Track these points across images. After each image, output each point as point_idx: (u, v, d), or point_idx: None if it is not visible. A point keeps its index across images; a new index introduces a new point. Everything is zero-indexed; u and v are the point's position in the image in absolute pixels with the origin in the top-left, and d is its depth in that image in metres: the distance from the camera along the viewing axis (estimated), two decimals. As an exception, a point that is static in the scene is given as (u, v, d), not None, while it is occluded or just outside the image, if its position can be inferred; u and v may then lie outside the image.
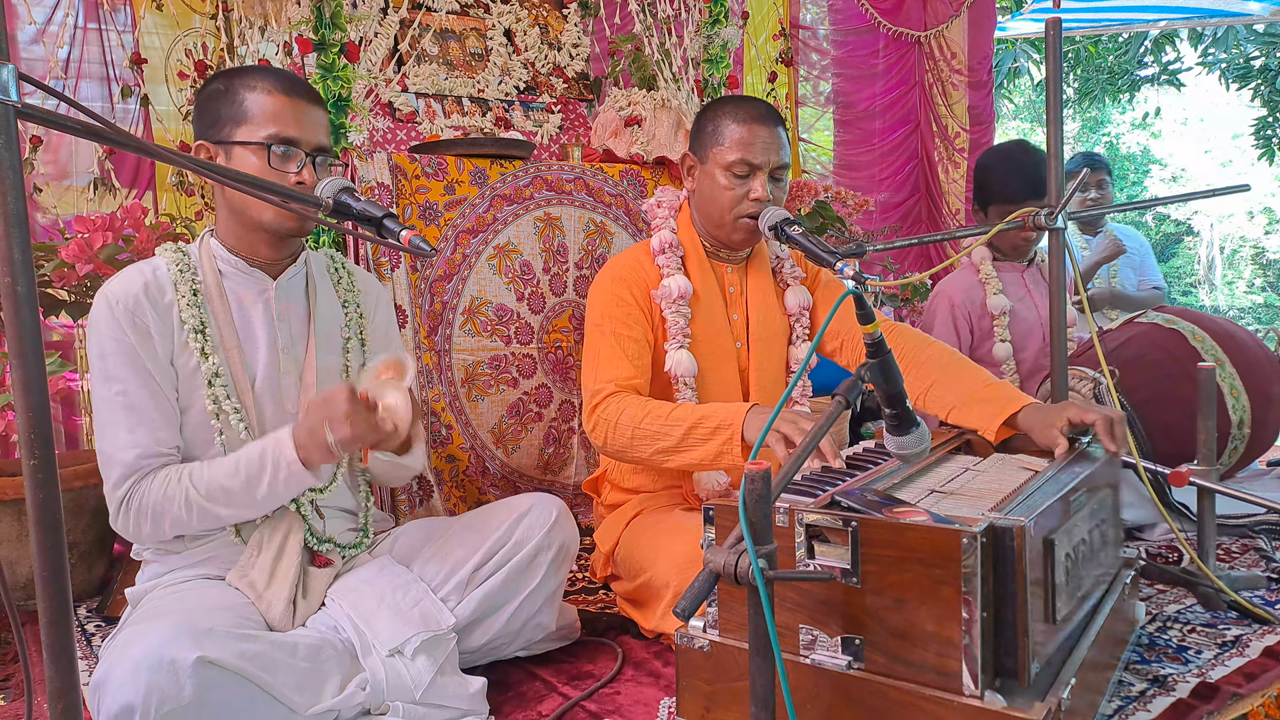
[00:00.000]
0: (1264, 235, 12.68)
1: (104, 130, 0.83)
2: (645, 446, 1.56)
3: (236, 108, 1.34)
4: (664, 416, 1.55)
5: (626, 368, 1.65)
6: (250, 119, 1.34)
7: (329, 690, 1.23)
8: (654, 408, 1.57)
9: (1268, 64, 7.39)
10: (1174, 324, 2.16)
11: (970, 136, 4.05)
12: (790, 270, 1.85)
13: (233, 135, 1.34)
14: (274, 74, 1.38)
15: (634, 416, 1.57)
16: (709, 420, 1.50)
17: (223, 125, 1.35)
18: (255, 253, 1.41)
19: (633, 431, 1.56)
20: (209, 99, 1.37)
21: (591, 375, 1.67)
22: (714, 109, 1.74)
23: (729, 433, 1.47)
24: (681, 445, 1.52)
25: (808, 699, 1.09)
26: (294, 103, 1.36)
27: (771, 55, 3.96)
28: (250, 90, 1.35)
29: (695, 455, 1.52)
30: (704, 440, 1.50)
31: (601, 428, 1.60)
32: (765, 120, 1.69)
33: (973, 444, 1.60)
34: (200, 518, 1.30)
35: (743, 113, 1.69)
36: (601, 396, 1.62)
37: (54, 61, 2.66)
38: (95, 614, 1.85)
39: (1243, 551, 1.91)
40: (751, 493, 0.90)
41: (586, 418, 1.64)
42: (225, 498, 1.29)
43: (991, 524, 1.00)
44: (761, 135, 1.67)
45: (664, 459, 1.56)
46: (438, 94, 2.64)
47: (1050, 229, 1.69)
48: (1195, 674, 1.34)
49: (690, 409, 1.55)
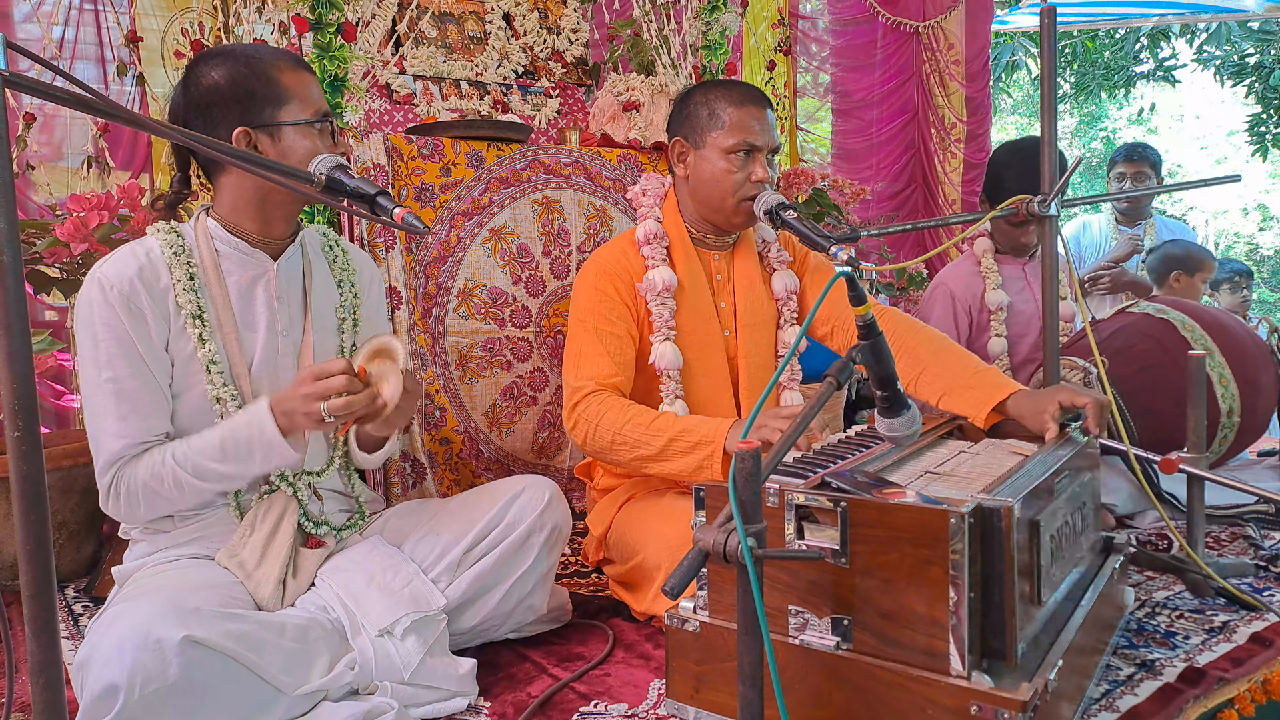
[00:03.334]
0: (1258, 231, 12.71)
1: (93, 101, 0.82)
2: (625, 452, 1.56)
3: (274, 89, 1.34)
4: (645, 425, 1.54)
5: (608, 365, 1.65)
6: (292, 99, 1.35)
7: (317, 670, 1.22)
8: (635, 414, 1.56)
9: (1262, 61, 7.39)
10: (1164, 314, 2.17)
11: (967, 127, 4.04)
12: (776, 255, 1.85)
13: (277, 117, 1.34)
14: (284, 52, 1.41)
15: (615, 421, 1.56)
16: (691, 434, 1.50)
17: (262, 109, 1.34)
18: (269, 231, 1.40)
19: (613, 436, 1.56)
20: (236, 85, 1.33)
21: (573, 371, 1.67)
22: (702, 93, 1.73)
23: (710, 449, 1.47)
24: (662, 455, 1.52)
25: (796, 679, 1.09)
26: (315, 78, 1.41)
27: (770, 44, 3.95)
28: (281, 72, 1.36)
29: (675, 466, 1.52)
30: (684, 453, 1.50)
31: (582, 428, 1.60)
32: (760, 102, 1.69)
33: (964, 429, 1.60)
34: (192, 495, 1.30)
35: (737, 95, 1.69)
36: (582, 395, 1.62)
37: (49, 40, 2.63)
38: (83, 594, 1.85)
39: (1232, 539, 1.92)
40: (741, 471, 0.90)
41: (566, 415, 1.64)
42: (214, 476, 1.28)
43: (979, 505, 1.00)
44: (759, 117, 1.67)
45: (643, 466, 1.56)
46: (435, 77, 2.63)
47: (1043, 216, 1.69)
48: (1183, 659, 1.34)
49: (671, 420, 1.54)
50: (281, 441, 1.26)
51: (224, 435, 1.28)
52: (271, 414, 1.26)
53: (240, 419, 1.28)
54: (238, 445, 1.27)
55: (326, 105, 1.40)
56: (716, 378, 1.75)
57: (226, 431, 1.28)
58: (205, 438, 1.29)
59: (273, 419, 1.25)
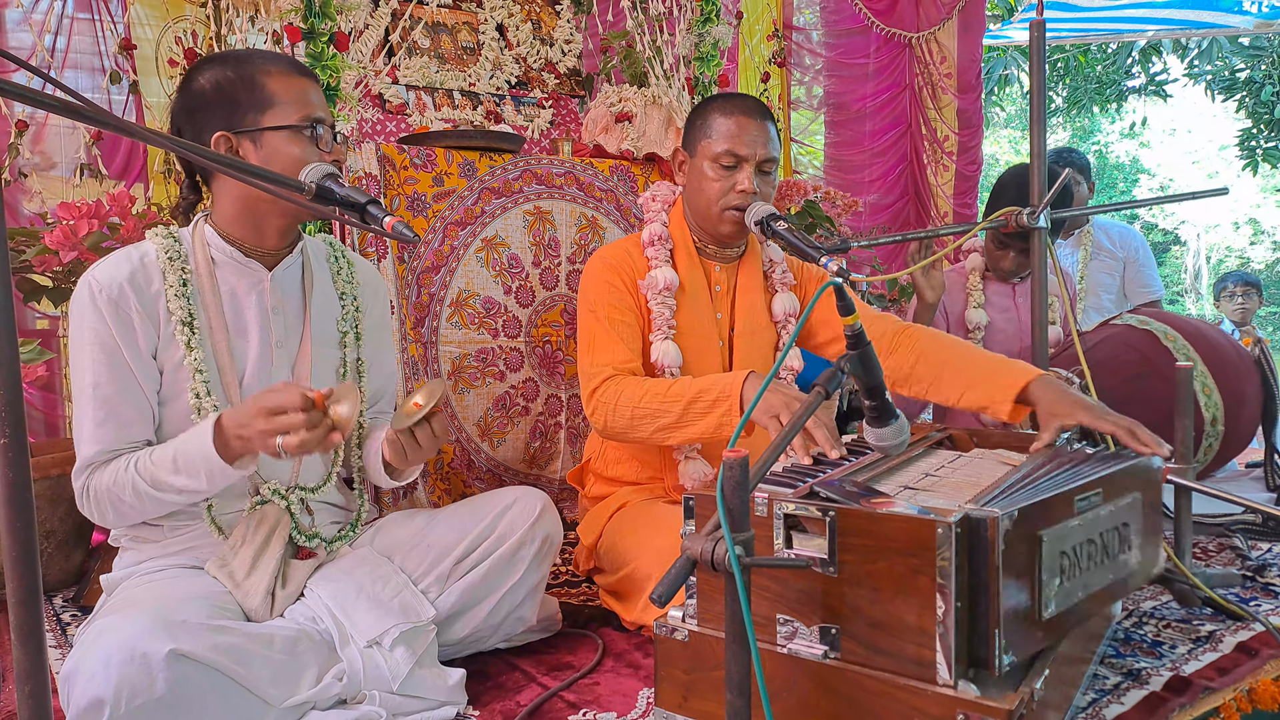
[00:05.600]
0: (1249, 245, 12.80)
1: (81, 108, 0.82)
2: (646, 425, 1.56)
3: (259, 94, 1.30)
4: (662, 394, 1.55)
5: (622, 351, 1.65)
6: (279, 103, 1.30)
7: (306, 682, 1.22)
8: (652, 386, 1.57)
9: (1253, 76, 7.47)
10: (1147, 325, 2.18)
11: (959, 139, 4.07)
12: (781, 276, 1.85)
13: (259, 122, 1.30)
14: (277, 56, 1.38)
15: (633, 397, 1.57)
16: (708, 393, 1.50)
17: (245, 114, 1.30)
18: (262, 241, 1.37)
19: (632, 412, 1.56)
20: (221, 91, 1.31)
21: (588, 360, 1.67)
22: (704, 105, 1.75)
23: (728, 404, 1.48)
24: (682, 420, 1.52)
25: (784, 688, 1.09)
26: (310, 83, 1.36)
27: (765, 56, 3.98)
28: (267, 75, 1.31)
29: (696, 429, 1.52)
30: (704, 413, 1.50)
31: (602, 411, 1.60)
32: (753, 113, 1.69)
33: (954, 439, 1.60)
34: (153, 505, 1.27)
35: (730, 106, 1.70)
36: (599, 380, 1.62)
37: (41, 47, 2.64)
38: (71, 603, 1.84)
39: (1219, 550, 1.92)
40: (729, 479, 0.91)
41: (586, 402, 1.65)
42: (170, 488, 1.24)
43: (967, 515, 1.01)
44: (749, 128, 1.68)
45: (665, 436, 1.56)
46: (428, 87, 2.64)
47: (1032, 228, 1.70)
48: (1169, 668, 1.35)
49: (688, 383, 1.55)
50: (222, 464, 1.20)
51: (176, 450, 1.23)
52: (217, 434, 1.19)
53: (190, 435, 1.24)
54: (188, 460, 1.22)
55: (321, 111, 1.34)
56: None
57: (179, 446, 1.23)
58: (163, 450, 1.25)
59: (212, 441, 1.19)
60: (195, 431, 1.23)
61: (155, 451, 1.26)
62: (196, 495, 1.27)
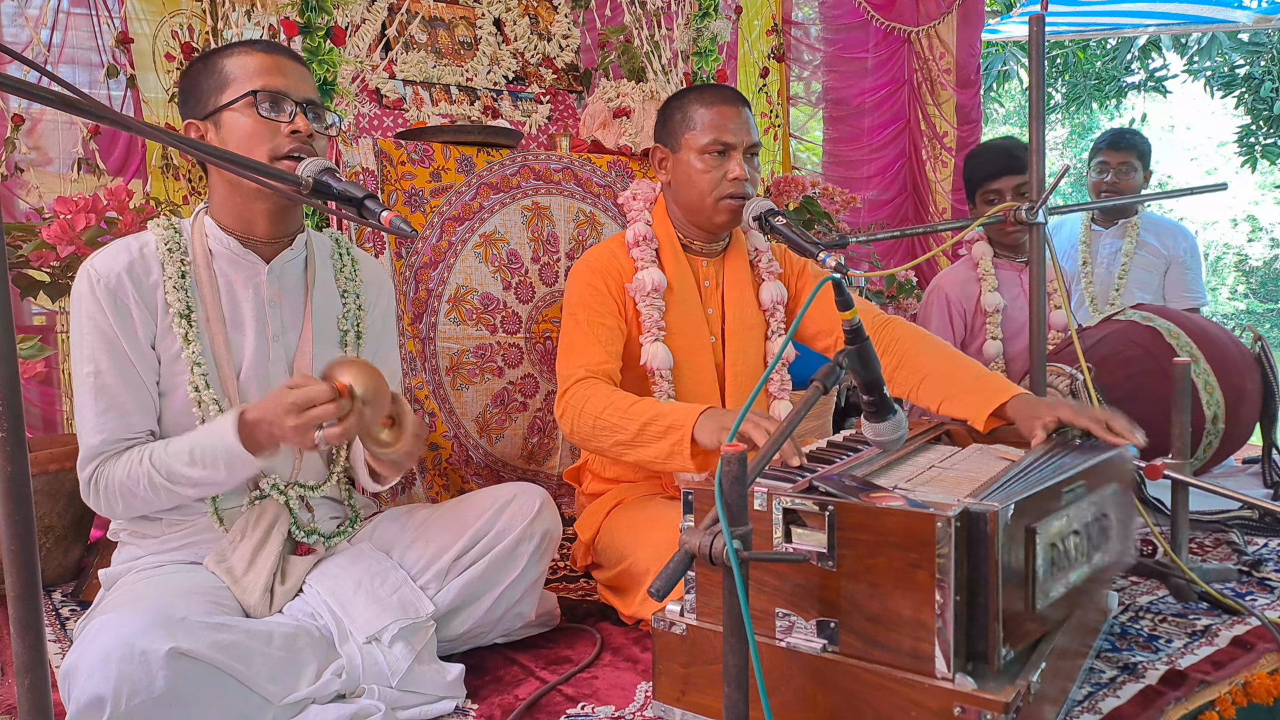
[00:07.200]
0: (1247, 243, 12.81)
1: (76, 101, 0.82)
2: (605, 437, 1.53)
3: (217, 77, 1.31)
4: (624, 409, 1.52)
5: (599, 353, 1.64)
6: (233, 81, 1.30)
7: (305, 679, 1.22)
8: (617, 399, 1.54)
9: (1252, 72, 7.47)
10: (1150, 321, 2.19)
11: (958, 135, 4.07)
12: (767, 265, 1.85)
13: (218, 103, 1.30)
14: (248, 40, 1.38)
15: (597, 406, 1.54)
16: (662, 419, 1.47)
17: (207, 98, 1.31)
18: (253, 230, 1.36)
19: (594, 421, 1.54)
20: (190, 79, 1.34)
21: (564, 362, 1.67)
22: (677, 100, 1.75)
23: (679, 434, 1.44)
24: (636, 440, 1.49)
25: (782, 681, 1.10)
26: (274, 58, 1.32)
27: (763, 51, 3.97)
28: (228, 57, 1.32)
29: (648, 452, 1.49)
30: (656, 439, 1.47)
31: (569, 414, 1.59)
32: (733, 101, 1.70)
33: (951, 434, 1.61)
34: (168, 497, 1.28)
35: (709, 97, 1.71)
36: (571, 382, 1.61)
37: (37, 41, 2.63)
38: (70, 598, 1.84)
39: (1215, 545, 1.93)
40: (728, 474, 0.91)
41: (557, 404, 1.64)
42: (186, 481, 1.25)
43: (966, 509, 1.01)
44: (731, 115, 1.68)
45: (621, 452, 1.53)
46: (425, 82, 2.63)
47: (1030, 224, 1.70)
48: (1165, 662, 1.35)
49: (649, 405, 1.51)
50: (245, 454, 1.20)
51: (194, 442, 1.24)
52: (240, 426, 1.20)
53: (210, 427, 1.25)
54: (205, 453, 1.23)
55: (281, 83, 1.29)
56: (704, 382, 1.76)
57: (197, 438, 1.25)
58: (179, 442, 1.26)
59: (236, 433, 1.20)
60: (212, 427, 1.24)
61: (171, 444, 1.26)
62: (215, 488, 1.29)
